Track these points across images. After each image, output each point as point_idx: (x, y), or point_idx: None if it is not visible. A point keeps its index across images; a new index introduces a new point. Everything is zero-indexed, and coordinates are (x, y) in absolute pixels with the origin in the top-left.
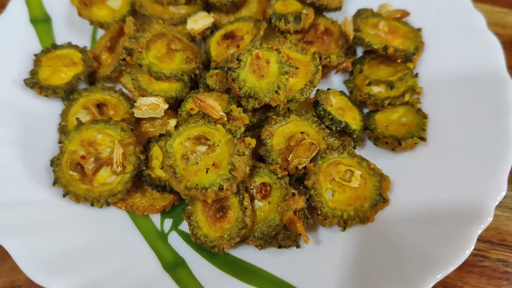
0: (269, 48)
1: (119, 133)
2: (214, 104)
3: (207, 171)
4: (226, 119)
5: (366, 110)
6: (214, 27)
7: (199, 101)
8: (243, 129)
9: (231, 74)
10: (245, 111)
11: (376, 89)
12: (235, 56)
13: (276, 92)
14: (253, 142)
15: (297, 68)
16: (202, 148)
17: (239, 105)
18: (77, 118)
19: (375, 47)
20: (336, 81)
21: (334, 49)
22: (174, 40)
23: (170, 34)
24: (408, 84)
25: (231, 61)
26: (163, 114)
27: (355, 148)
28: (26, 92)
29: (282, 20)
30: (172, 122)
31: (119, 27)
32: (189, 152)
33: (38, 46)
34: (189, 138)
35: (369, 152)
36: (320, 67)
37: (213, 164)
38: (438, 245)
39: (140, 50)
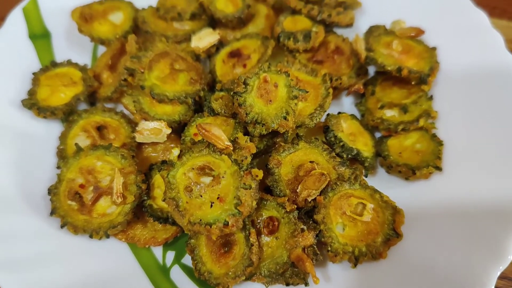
0: (278, 71)
1: (120, 161)
2: (219, 134)
3: (211, 205)
4: (232, 148)
5: (378, 133)
6: (220, 44)
7: (203, 131)
8: (249, 159)
9: (237, 99)
10: (252, 137)
11: (389, 113)
12: (242, 80)
13: (285, 118)
14: (260, 174)
15: (307, 92)
16: (207, 180)
17: (246, 130)
18: (76, 144)
19: (389, 68)
20: (347, 102)
21: (345, 69)
22: (178, 59)
23: (173, 53)
24: (423, 107)
25: (237, 85)
26: (165, 139)
27: (366, 177)
28: (23, 113)
29: (291, 39)
30: (175, 151)
31: (120, 45)
32: (192, 183)
33: (36, 63)
34: (192, 169)
35: (381, 179)
36: (331, 90)
37: (218, 198)
38: (455, 286)
39: (142, 70)
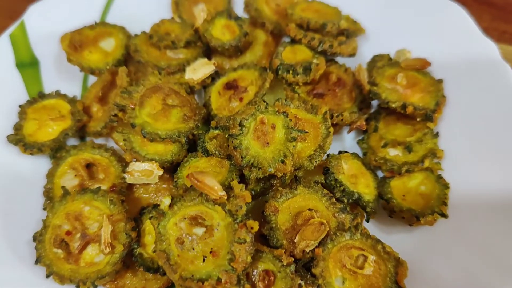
0: (275, 112)
1: (108, 206)
2: (212, 184)
3: (204, 260)
4: (226, 197)
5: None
6: (216, 73)
7: (195, 181)
8: (244, 209)
9: (232, 141)
10: (247, 184)
11: (392, 152)
12: (237, 122)
13: (282, 161)
14: (255, 226)
15: (306, 132)
16: (199, 231)
17: (241, 173)
18: (63, 187)
19: (393, 106)
20: (349, 137)
21: (347, 102)
22: (171, 93)
23: (166, 86)
24: (428, 146)
25: (232, 126)
26: (157, 180)
27: (368, 222)
28: (9, 149)
29: (291, 72)
30: (166, 200)
31: (111, 76)
32: (184, 235)
33: (24, 94)
34: (184, 218)
35: (383, 222)
36: (331, 130)
37: (210, 252)
38: None
39: (132, 107)
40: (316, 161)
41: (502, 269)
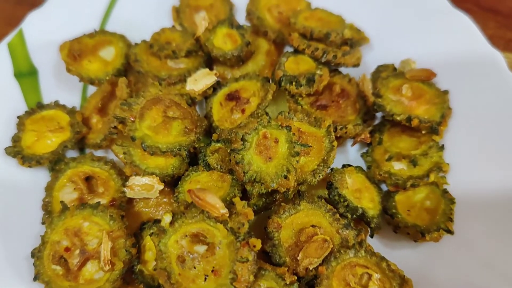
0: (278, 126)
1: (108, 222)
2: (214, 202)
3: (205, 279)
4: (228, 214)
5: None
6: (217, 83)
7: (196, 199)
8: (247, 226)
9: (234, 156)
10: (249, 201)
11: (397, 166)
12: (240, 136)
13: (285, 177)
14: (258, 244)
15: (310, 147)
16: (200, 249)
17: (243, 188)
18: (61, 202)
19: (398, 118)
20: (353, 149)
21: (351, 114)
22: (171, 105)
23: (166, 98)
24: (433, 160)
25: (235, 141)
26: (158, 194)
27: (372, 237)
28: (7, 161)
29: (294, 83)
30: (167, 217)
31: (111, 86)
32: (185, 252)
33: (22, 104)
34: (186, 236)
35: (388, 237)
36: (335, 144)
37: (212, 270)
38: None
39: (132, 119)
40: (319, 176)
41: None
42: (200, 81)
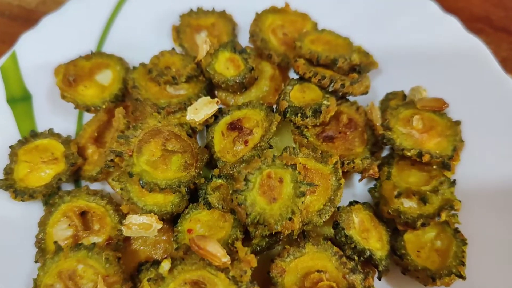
0: (283, 165)
1: (104, 265)
2: (215, 251)
3: None
4: (229, 262)
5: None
6: (219, 112)
7: (197, 248)
8: (249, 274)
9: (237, 197)
10: (252, 237)
11: (406, 204)
12: (243, 176)
13: (290, 219)
14: None
15: (316, 186)
16: None
17: (246, 229)
18: (55, 243)
19: (409, 154)
20: (360, 183)
21: (358, 146)
22: (171, 138)
23: (166, 130)
24: (445, 196)
25: (237, 181)
26: (156, 233)
27: (380, 280)
28: None
29: (299, 115)
30: (166, 265)
31: (108, 114)
32: None
33: (15, 132)
34: (185, 283)
35: (396, 278)
36: (342, 182)
37: None
38: None
39: (130, 154)
40: (325, 216)
41: None
42: (201, 110)
